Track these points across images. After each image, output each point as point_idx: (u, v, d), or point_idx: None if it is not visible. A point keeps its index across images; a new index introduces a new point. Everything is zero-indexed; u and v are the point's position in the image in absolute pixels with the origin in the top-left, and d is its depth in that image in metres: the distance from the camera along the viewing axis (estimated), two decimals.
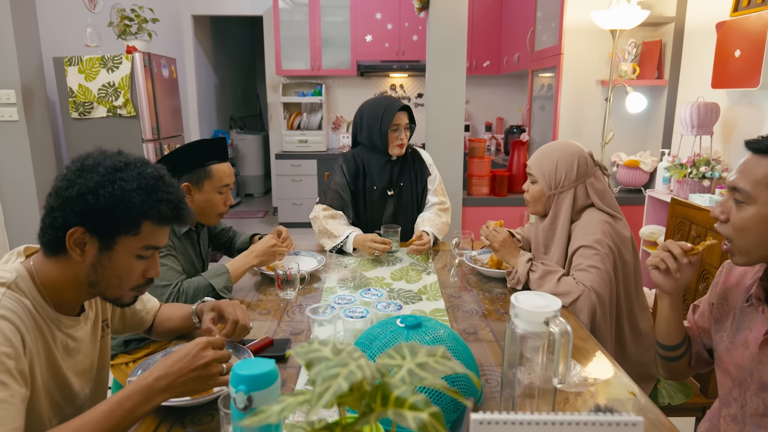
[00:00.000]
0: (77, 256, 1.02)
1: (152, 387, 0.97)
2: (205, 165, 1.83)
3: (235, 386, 0.74)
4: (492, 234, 1.89)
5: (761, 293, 1.15)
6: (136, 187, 1.02)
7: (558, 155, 1.76)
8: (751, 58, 2.71)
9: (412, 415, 0.48)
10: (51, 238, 1.02)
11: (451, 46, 3.47)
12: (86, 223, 1.00)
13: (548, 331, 0.91)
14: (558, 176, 1.75)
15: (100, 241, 1.02)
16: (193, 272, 1.89)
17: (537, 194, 1.80)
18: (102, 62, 3.55)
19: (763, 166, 1.04)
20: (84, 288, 1.07)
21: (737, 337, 1.20)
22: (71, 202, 0.99)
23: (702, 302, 1.38)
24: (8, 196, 3.29)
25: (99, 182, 1.00)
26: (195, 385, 1.01)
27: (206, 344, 1.02)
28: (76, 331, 1.12)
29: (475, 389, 0.96)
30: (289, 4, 5.81)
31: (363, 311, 1.35)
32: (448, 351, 0.57)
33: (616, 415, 0.63)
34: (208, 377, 1.02)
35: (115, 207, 1.00)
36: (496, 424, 0.64)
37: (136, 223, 1.03)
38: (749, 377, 1.15)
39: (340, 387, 0.48)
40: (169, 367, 0.98)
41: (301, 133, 6.07)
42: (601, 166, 1.80)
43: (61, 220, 1.00)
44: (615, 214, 1.75)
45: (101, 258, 1.03)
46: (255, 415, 0.51)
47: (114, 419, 0.92)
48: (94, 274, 1.04)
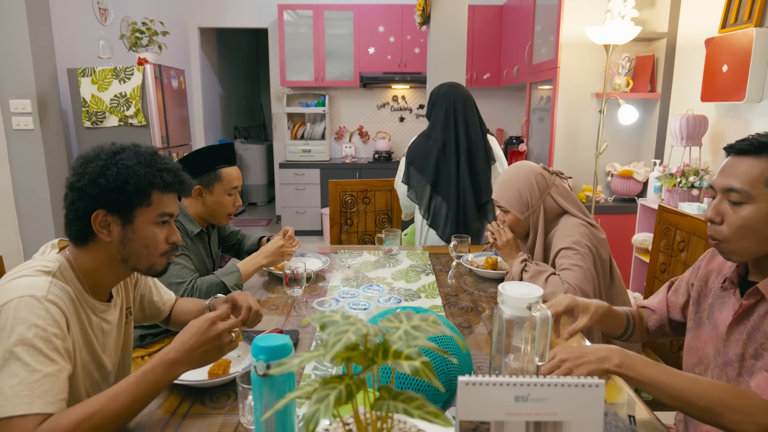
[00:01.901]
0: (105, 237, 1.15)
1: (172, 361, 1.07)
2: (215, 168, 1.96)
3: (255, 356, 0.85)
4: (499, 231, 1.98)
5: (735, 277, 1.22)
6: (136, 162, 1.15)
7: (515, 182, 1.90)
8: (737, 72, 2.83)
9: (407, 363, 0.58)
10: (78, 228, 1.15)
11: (450, 59, 3.60)
12: (104, 204, 1.13)
13: (531, 316, 1.03)
14: (524, 200, 1.88)
15: (120, 218, 1.15)
16: (205, 271, 2.01)
17: (513, 221, 1.93)
18: (114, 73, 3.68)
19: (756, 166, 1.09)
20: (119, 266, 1.20)
21: (710, 319, 1.29)
22: (86, 190, 1.12)
23: (680, 280, 1.46)
24: (23, 202, 3.41)
25: (104, 165, 1.13)
26: (210, 356, 1.12)
27: (215, 318, 1.13)
28: (109, 315, 1.24)
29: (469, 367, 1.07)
30: (294, 17, 5.96)
31: (365, 304, 1.46)
32: (438, 318, 0.68)
33: (581, 378, 0.74)
34: (221, 347, 1.13)
35: (124, 182, 1.13)
36: (480, 386, 0.75)
37: (146, 194, 1.16)
38: (715, 355, 1.23)
39: (350, 338, 0.59)
40: (185, 342, 1.09)
41: (305, 142, 6.21)
42: (557, 173, 1.93)
43: (82, 209, 1.13)
44: (589, 220, 1.87)
45: (126, 232, 1.16)
46: (279, 366, 0.62)
47: (142, 389, 1.03)
48: (124, 249, 1.17)
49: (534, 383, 0.74)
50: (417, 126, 6.52)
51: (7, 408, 0.94)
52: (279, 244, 2.01)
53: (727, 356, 1.19)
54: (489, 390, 0.74)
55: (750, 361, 1.14)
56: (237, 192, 2.03)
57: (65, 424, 0.95)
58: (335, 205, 3.04)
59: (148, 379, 1.04)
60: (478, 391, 0.74)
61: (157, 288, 1.53)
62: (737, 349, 1.17)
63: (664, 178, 3.24)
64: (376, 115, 6.58)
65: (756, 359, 1.12)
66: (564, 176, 1.95)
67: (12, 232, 3.39)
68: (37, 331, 1.00)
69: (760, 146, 1.09)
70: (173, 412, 1.14)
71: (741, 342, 1.16)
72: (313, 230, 6.16)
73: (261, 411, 0.88)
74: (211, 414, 1.14)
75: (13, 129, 3.32)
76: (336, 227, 3.05)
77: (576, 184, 4.06)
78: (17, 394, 0.95)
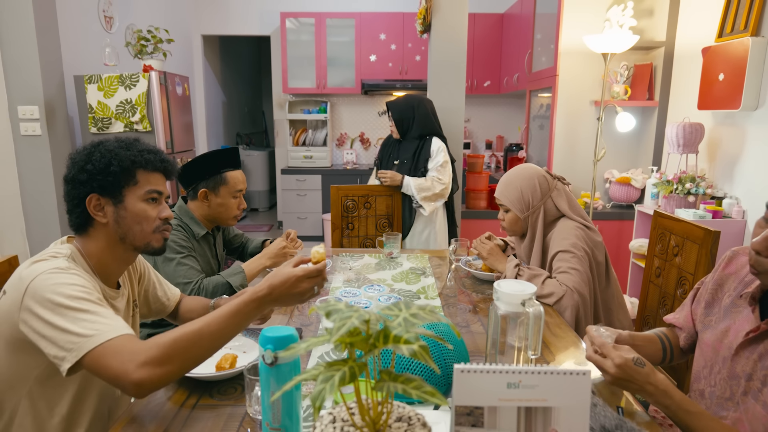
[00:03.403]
0: (101, 219, 1.25)
1: (262, 300, 1.16)
2: (220, 172, 2.02)
3: (263, 345, 0.90)
4: (480, 245, 2.11)
5: (758, 294, 1.19)
6: (118, 146, 1.27)
7: (519, 182, 1.95)
8: (733, 81, 2.88)
9: (406, 347, 0.63)
10: (77, 216, 1.27)
11: (451, 67, 3.66)
12: (95, 188, 1.24)
13: (525, 311, 1.08)
14: (526, 199, 1.94)
15: (112, 198, 1.26)
16: (210, 272, 2.07)
17: (513, 220, 1.99)
18: (120, 80, 3.74)
19: None
20: (119, 247, 1.29)
21: (721, 324, 1.27)
22: (77, 177, 1.24)
23: (702, 289, 1.42)
24: (30, 206, 3.47)
25: (89, 153, 1.26)
26: (292, 302, 1.22)
27: (302, 276, 1.20)
28: (118, 302, 1.32)
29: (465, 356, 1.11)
30: (296, 25, 6.03)
31: (367, 303, 1.51)
32: (434, 309, 0.73)
33: (569, 366, 0.79)
34: (302, 299, 1.22)
35: (108, 164, 1.24)
36: (475, 373, 0.79)
37: (131, 173, 1.27)
38: (722, 363, 1.23)
39: (353, 323, 0.63)
40: (275, 288, 1.17)
41: (307, 149, 6.27)
42: (559, 178, 1.99)
43: (77, 196, 1.24)
44: (586, 223, 1.92)
45: (118, 211, 1.26)
46: (287, 350, 0.67)
47: (234, 319, 1.12)
48: (119, 227, 1.27)
49: (525, 371, 0.79)
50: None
51: (105, 333, 1.05)
52: (281, 245, 2.08)
53: (734, 370, 1.19)
54: (483, 377, 0.79)
55: (757, 383, 1.13)
56: (242, 195, 2.09)
57: (165, 339, 1.05)
58: (337, 209, 3.09)
59: (242, 312, 1.13)
60: (472, 378, 0.79)
61: (161, 284, 1.60)
62: (746, 367, 1.16)
63: (661, 185, 3.28)
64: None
65: (764, 385, 1.12)
66: (566, 181, 2.00)
67: (19, 235, 3.45)
68: (76, 288, 1.11)
69: None
70: (182, 404, 1.19)
71: (751, 362, 1.15)
72: (314, 236, 6.21)
73: (268, 400, 0.93)
74: (219, 405, 1.19)
75: (21, 135, 3.39)
76: (337, 231, 3.10)
77: (574, 191, 4.11)
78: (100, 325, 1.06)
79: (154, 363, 1.02)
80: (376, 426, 0.70)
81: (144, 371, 1.00)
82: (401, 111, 3.18)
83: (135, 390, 1.02)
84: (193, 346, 1.06)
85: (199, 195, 2.00)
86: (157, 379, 1.02)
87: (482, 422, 0.76)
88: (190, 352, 1.06)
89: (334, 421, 0.73)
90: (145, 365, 1.01)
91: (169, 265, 1.85)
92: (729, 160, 3.09)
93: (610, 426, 0.97)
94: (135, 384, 1.00)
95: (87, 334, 1.04)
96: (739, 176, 3.02)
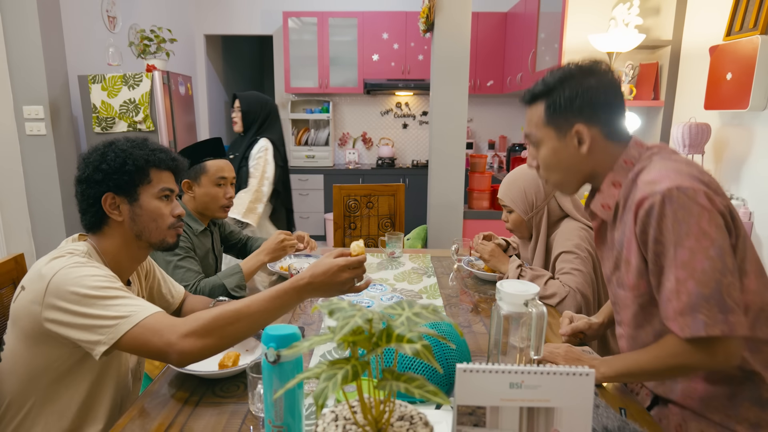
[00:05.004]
0: (117, 217, 1.27)
1: (302, 289, 1.20)
2: (200, 161, 2.02)
3: (266, 344, 0.91)
4: (480, 246, 2.08)
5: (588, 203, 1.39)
6: (130, 146, 1.29)
7: (522, 182, 1.94)
8: (741, 80, 2.85)
9: (408, 346, 0.63)
10: (92, 215, 1.28)
11: (454, 66, 3.64)
12: (111, 187, 1.26)
13: (527, 312, 1.07)
14: (529, 200, 1.92)
15: (127, 197, 1.28)
16: (209, 267, 2.09)
17: (517, 221, 1.98)
18: (123, 80, 3.75)
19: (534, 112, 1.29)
20: (134, 244, 1.31)
21: None
22: (92, 177, 1.26)
23: None
24: (35, 206, 3.48)
25: (103, 153, 1.27)
26: (333, 292, 1.25)
27: (344, 266, 1.22)
28: None
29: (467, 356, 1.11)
30: (299, 24, 6.03)
31: (369, 302, 1.51)
32: (437, 308, 0.73)
33: (573, 367, 0.79)
34: (342, 289, 1.25)
35: (123, 164, 1.26)
36: (477, 372, 0.79)
37: (145, 172, 1.29)
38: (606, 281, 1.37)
39: (356, 322, 0.64)
40: (316, 277, 1.20)
41: (309, 148, 6.27)
42: None
43: (92, 195, 1.26)
44: (589, 224, 1.91)
45: (134, 209, 1.29)
46: (290, 348, 0.67)
47: (275, 303, 1.17)
48: (135, 225, 1.30)
49: (528, 371, 0.79)
50: (420, 132, 6.59)
51: (140, 313, 1.10)
52: (279, 239, 2.04)
53: (606, 275, 1.34)
54: (485, 377, 0.79)
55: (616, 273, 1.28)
56: (227, 183, 2.07)
57: (206, 315, 1.12)
58: (339, 209, 3.09)
59: (282, 299, 1.18)
60: (475, 377, 0.79)
61: (166, 282, 1.61)
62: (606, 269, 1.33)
63: None
64: (379, 122, 6.64)
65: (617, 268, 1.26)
66: None
67: (25, 234, 3.46)
68: (99, 278, 1.14)
69: (531, 97, 1.28)
70: (185, 401, 1.20)
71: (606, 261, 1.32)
72: (316, 235, 6.22)
73: (271, 397, 0.93)
74: (222, 403, 1.19)
75: (26, 134, 3.40)
76: (340, 231, 3.10)
77: (578, 192, 4.09)
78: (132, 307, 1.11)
79: (197, 335, 1.09)
80: (378, 425, 0.70)
81: (188, 342, 1.08)
82: (249, 104, 2.97)
83: (179, 358, 1.09)
84: (231, 324, 1.12)
85: (183, 186, 2.01)
86: (197, 351, 1.09)
87: (484, 422, 0.76)
88: (228, 330, 1.12)
89: (336, 420, 0.73)
90: (188, 336, 1.08)
91: (167, 267, 1.85)
92: (736, 160, 3.07)
93: (612, 427, 0.96)
94: (180, 353, 1.08)
95: (122, 315, 1.09)
96: (746, 177, 3.00)
